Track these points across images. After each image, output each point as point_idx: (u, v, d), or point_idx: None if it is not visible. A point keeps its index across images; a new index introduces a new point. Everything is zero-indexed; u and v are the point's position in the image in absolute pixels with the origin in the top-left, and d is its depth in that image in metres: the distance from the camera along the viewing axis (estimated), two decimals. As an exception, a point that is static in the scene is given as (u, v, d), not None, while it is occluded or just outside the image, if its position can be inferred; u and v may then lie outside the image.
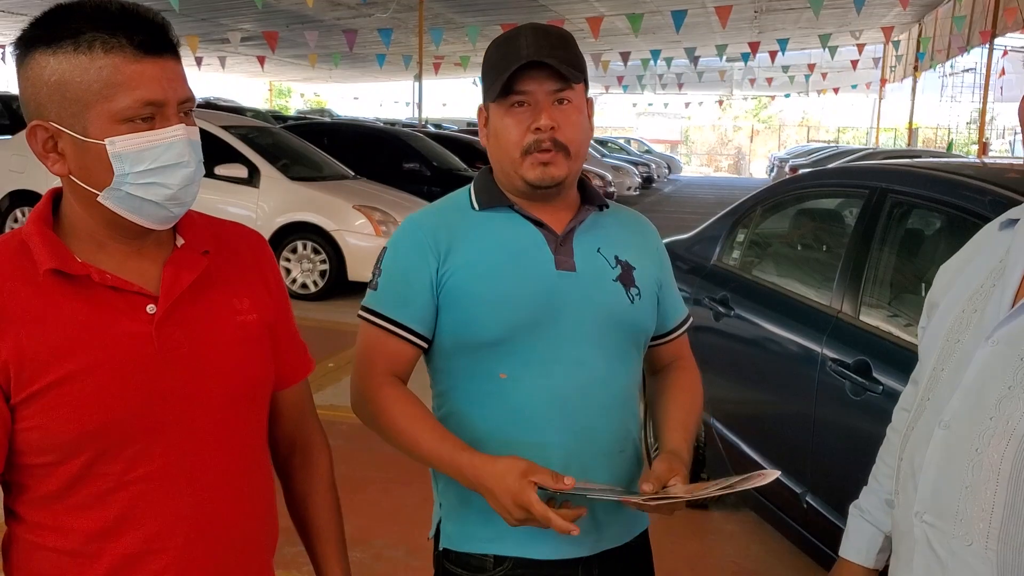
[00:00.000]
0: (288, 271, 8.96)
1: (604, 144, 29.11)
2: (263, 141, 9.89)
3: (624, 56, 25.76)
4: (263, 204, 9.07)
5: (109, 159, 1.21)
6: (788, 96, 45.62)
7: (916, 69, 29.68)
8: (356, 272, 8.74)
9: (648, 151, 35.59)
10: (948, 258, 1.55)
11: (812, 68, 33.37)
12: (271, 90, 50.17)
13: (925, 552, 1.31)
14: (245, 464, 1.39)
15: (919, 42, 28.23)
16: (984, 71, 21.19)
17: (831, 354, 3.14)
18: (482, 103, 1.70)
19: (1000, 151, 32.18)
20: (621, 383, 1.71)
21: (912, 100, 29.76)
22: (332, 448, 1.63)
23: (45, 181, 9.37)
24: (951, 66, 31.51)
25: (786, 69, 33.45)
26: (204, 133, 1.31)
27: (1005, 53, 25.96)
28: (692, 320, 1.95)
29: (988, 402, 1.26)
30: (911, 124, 30.52)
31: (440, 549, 1.74)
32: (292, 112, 35.13)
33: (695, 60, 27.00)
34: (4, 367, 1.19)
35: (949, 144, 31.95)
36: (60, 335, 1.21)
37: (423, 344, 1.68)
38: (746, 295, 3.95)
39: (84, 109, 1.20)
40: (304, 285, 8.96)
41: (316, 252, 8.97)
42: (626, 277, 1.71)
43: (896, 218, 3.31)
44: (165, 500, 1.28)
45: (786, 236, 4.48)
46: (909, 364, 1.60)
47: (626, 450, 1.73)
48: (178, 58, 1.26)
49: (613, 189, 19.89)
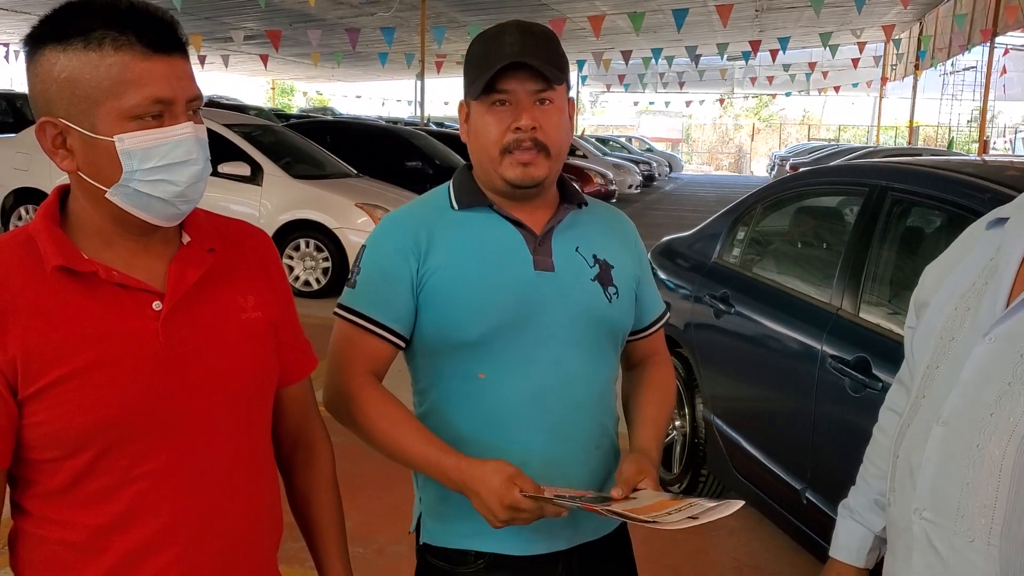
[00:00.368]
0: (291, 269, 8.97)
1: (606, 142, 29.07)
2: (266, 139, 9.89)
3: (625, 55, 25.74)
4: (266, 202, 9.08)
5: (118, 156, 1.21)
6: (789, 95, 45.57)
7: (917, 67, 29.66)
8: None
9: (649, 149, 35.55)
10: (948, 256, 1.56)
11: (813, 67, 33.35)
12: (273, 88, 50.12)
13: (925, 549, 1.32)
14: (250, 460, 1.39)
15: (920, 40, 28.21)
16: (985, 69, 21.17)
17: (831, 351, 3.15)
18: (463, 99, 1.70)
19: (1003, 149, 32.13)
20: (598, 381, 1.72)
21: (913, 98, 29.73)
22: (334, 445, 1.63)
23: (49, 179, 9.39)
24: (952, 64, 31.46)
25: (787, 68, 33.45)
26: (207, 131, 1.32)
27: (1006, 52, 25.94)
28: (669, 315, 1.95)
29: (987, 399, 1.26)
30: (912, 122, 30.48)
31: (421, 543, 1.76)
32: (295, 111, 35.07)
33: (696, 59, 26.98)
34: (11, 363, 1.19)
35: (950, 142, 31.85)
36: (67, 331, 1.22)
37: (401, 343, 1.68)
38: (746, 292, 3.95)
39: (94, 106, 1.20)
40: (307, 283, 8.97)
41: (319, 250, 8.98)
42: (604, 276, 1.71)
43: (896, 216, 3.31)
44: (171, 495, 1.29)
45: (786, 234, 4.49)
46: (908, 361, 1.60)
47: (602, 446, 1.74)
48: (187, 56, 1.26)
49: (615, 187, 19.89)
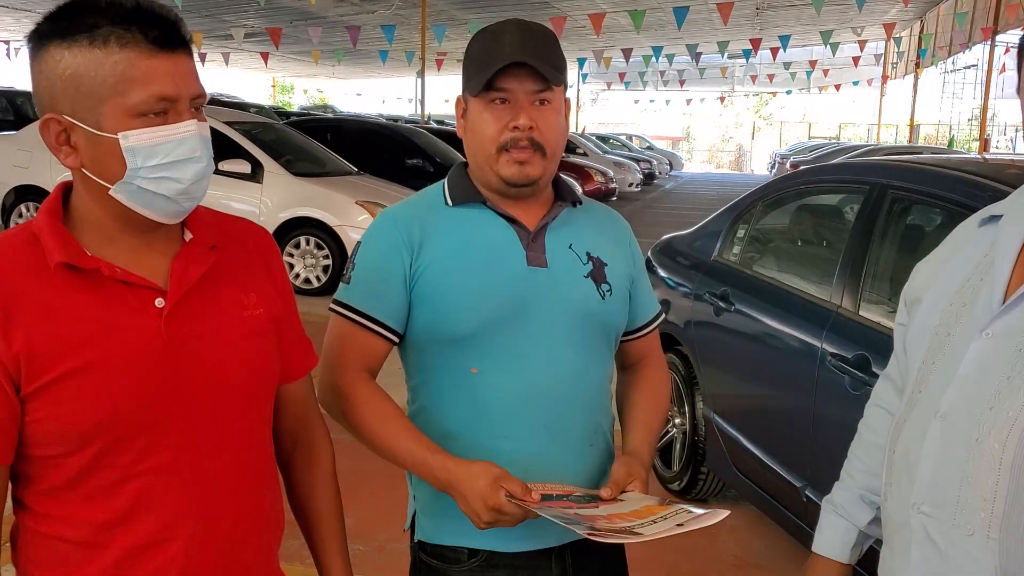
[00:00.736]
0: (291, 266, 8.98)
1: (606, 140, 29.08)
2: (266, 137, 9.91)
3: (626, 53, 25.75)
4: (266, 199, 9.09)
5: (122, 153, 1.22)
6: (790, 93, 45.57)
7: (918, 66, 29.64)
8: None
9: (650, 147, 35.56)
10: (948, 253, 1.57)
11: (814, 65, 33.34)
12: (274, 86, 50.10)
13: (923, 543, 1.32)
14: (252, 456, 1.40)
15: (921, 39, 28.20)
16: (986, 68, 21.16)
17: (831, 349, 3.15)
18: (461, 94, 1.71)
19: (1005, 147, 32.11)
20: (591, 378, 1.72)
21: (913, 97, 29.72)
22: (334, 442, 1.64)
23: (50, 176, 9.40)
24: (953, 63, 31.46)
25: (788, 66, 33.44)
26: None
27: (1007, 50, 25.90)
28: (668, 313, 1.95)
29: (986, 393, 1.27)
30: (912, 121, 30.47)
31: (415, 541, 1.76)
32: (295, 108, 35.06)
33: (697, 57, 26.97)
34: (15, 359, 1.20)
35: (950, 141, 31.87)
36: (70, 328, 1.22)
37: (394, 339, 1.68)
38: (747, 290, 3.96)
39: (98, 103, 1.20)
40: (307, 280, 8.99)
41: (319, 247, 9.00)
42: (597, 273, 1.72)
43: (896, 214, 3.32)
44: (173, 491, 1.29)
45: (786, 232, 4.49)
46: (908, 359, 1.61)
47: (596, 444, 1.74)
48: (191, 54, 1.27)
49: (615, 185, 19.89)
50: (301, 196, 9.09)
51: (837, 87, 39.56)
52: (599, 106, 56.89)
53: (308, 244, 9.03)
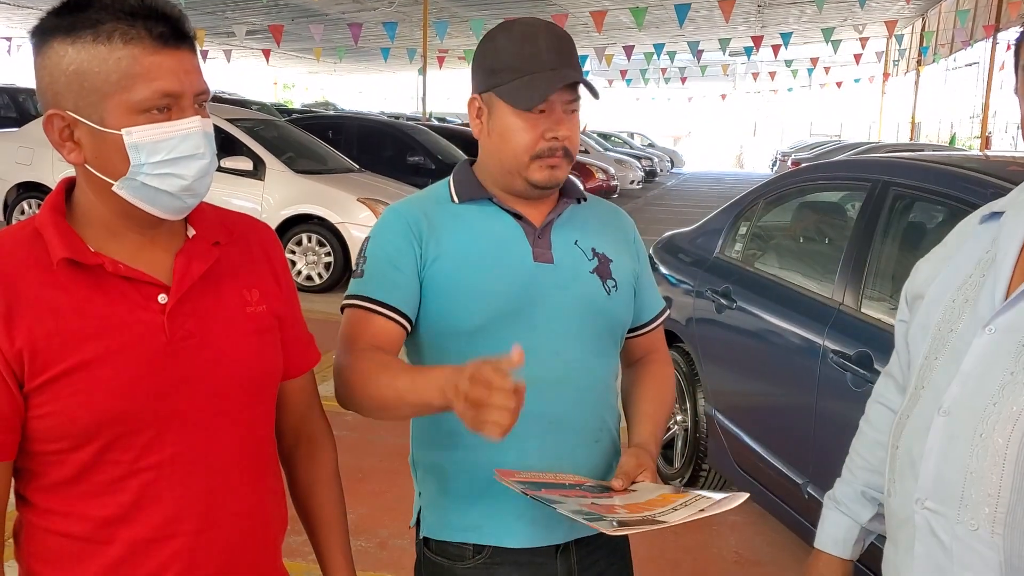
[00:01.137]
0: (293, 263, 8.98)
1: (607, 138, 29.07)
2: (268, 134, 9.90)
3: (627, 50, 25.73)
4: (268, 197, 9.09)
5: (126, 149, 1.22)
6: (791, 90, 45.51)
7: (919, 63, 29.62)
8: (356, 264, 8.76)
9: (651, 145, 35.58)
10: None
11: (815, 62, 33.30)
12: (275, 84, 50.10)
13: (927, 539, 1.32)
14: (255, 452, 1.40)
15: (922, 36, 28.18)
16: (987, 66, 21.14)
17: (833, 346, 3.15)
18: (477, 92, 1.68)
19: (1009, 144, 32.05)
20: (597, 374, 1.72)
21: (915, 94, 29.69)
22: (337, 438, 1.64)
23: (52, 173, 9.41)
24: (954, 60, 31.41)
25: (789, 63, 33.39)
26: (210, 126, 1.32)
27: (1009, 47, 25.87)
28: (670, 310, 1.95)
29: (990, 389, 1.27)
30: (914, 118, 30.43)
31: (421, 537, 1.76)
32: (294, 106, 35.05)
33: (698, 54, 26.95)
34: (18, 355, 1.19)
35: (951, 138, 31.81)
36: (73, 324, 1.22)
37: (407, 325, 1.65)
38: (748, 287, 3.96)
39: (102, 99, 1.20)
40: (309, 277, 8.99)
41: (321, 244, 9.00)
42: (603, 269, 1.72)
43: (898, 211, 3.32)
44: (176, 487, 1.29)
45: (788, 229, 4.49)
46: (910, 356, 1.61)
47: (601, 440, 1.74)
48: (194, 50, 1.27)
49: (616, 183, 19.88)
50: (303, 193, 9.09)
51: (838, 84, 39.53)
52: (600, 101, 56.72)
53: (310, 241, 9.03)
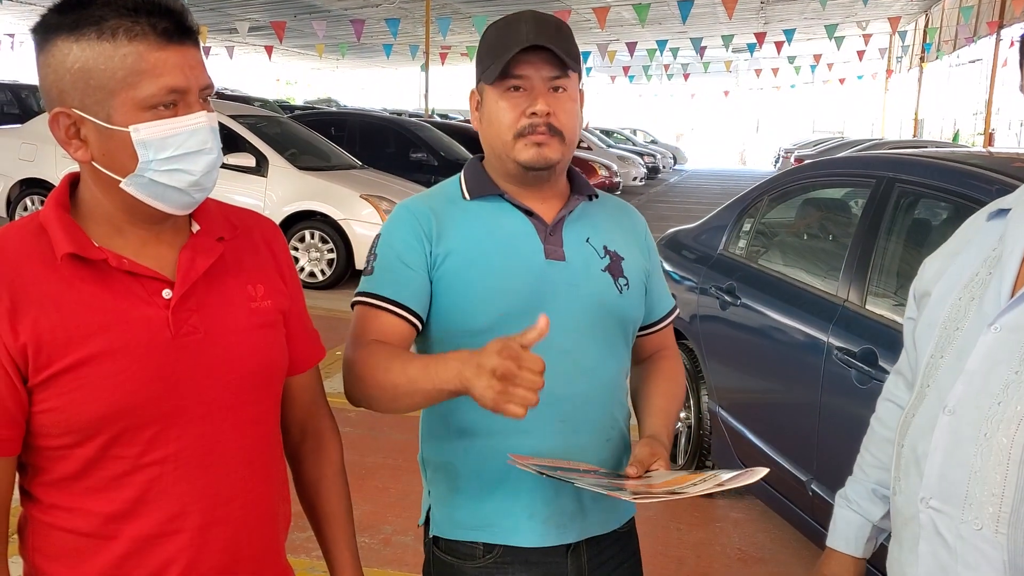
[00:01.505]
0: (296, 260, 8.98)
1: (610, 134, 29.04)
2: (271, 131, 9.90)
3: (630, 46, 25.73)
4: (271, 193, 9.09)
5: (133, 146, 1.22)
6: (794, 87, 45.47)
7: (923, 60, 29.58)
8: (364, 261, 8.75)
9: (653, 141, 35.54)
10: (955, 248, 1.56)
11: (818, 59, 33.27)
12: (277, 81, 50.11)
13: (932, 537, 1.32)
14: (259, 448, 1.40)
15: (926, 32, 28.14)
16: (991, 62, 21.10)
17: (837, 343, 3.15)
18: (476, 86, 1.69)
19: (1012, 141, 32.02)
20: (608, 372, 1.71)
21: (918, 91, 29.65)
22: (342, 435, 1.63)
23: (55, 169, 9.43)
24: (957, 57, 31.36)
25: (792, 60, 33.36)
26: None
27: (1012, 44, 25.81)
28: (678, 311, 1.95)
29: (994, 387, 1.27)
30: (917, 115, 30.39)
31: (430, 536, 1.75)
32: (295, 102, 35.06)
33: (701, 51, 26.95)
34: (22, 350, 1.19)
35: (955, 135, 31.79)
36: (77, 319, 1.22)
37: (417, 323, 1.65)
38: (752, 284, 3.95)
39: (108, 96, 1.20)
40: (312, 274, 8.99)
41: (324, 241, 9.00)
42: (614, 267, 1.71)
43: (903, 207, 3.31)
44: (181, 483, 1.29)
45: (792, 225, 4.48)
46: (915, 353, 1.60)
47: (612, 438, 1.73)
48: (198, 45, 1.27)
49: (619, 179, 19.86)
50: (306, 190, 9.09)
51: (841, 81, 39.49)
52: (603, 98, 56.82)
53: (313, 238, 9.03)
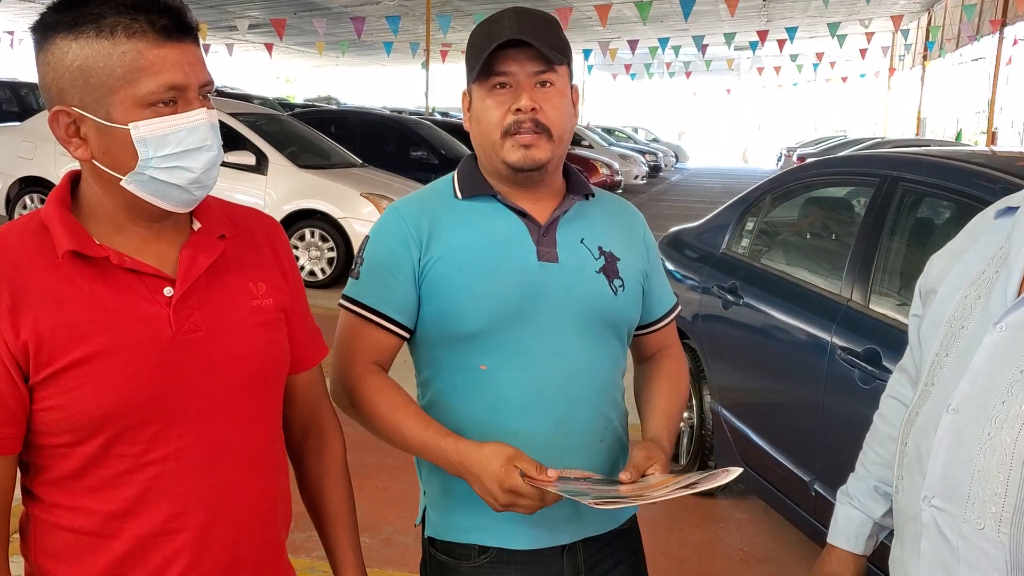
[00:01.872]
0: (296, 259, 8.95)
1: (611, 132, 29.06)
2: (271, 128, 9.88)
3: (632, 44, 25.75)
4: (271, 191, 9.08)
5: (133, 144, 1.21)
6: (796, 85, 45.48)
7: (925, 58, 29.57)
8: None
9: (655, 140, 35.56)
10: (959, 247, 1.55)
11: (820, 57, 33.27)
12: (277, 79, 50.14)
13: (934, 536, 1.32)
14: (261, 446, 1.40)
15: (928, 31, 28.14)
16: (994, 61, 21.08)
17: (840, 342, 3.14)
18: (465, 87, 1.68)
19: (1014, 140, 32.01)
20: (602, 373, 1.70)
21: (921, 90, 29.64)
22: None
23: (54, 167, 9.43)
24: (960, 55, 31.35)
25: (794, 58, 33.37)
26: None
27: (1015, 42, 25.81)
28: (680, 309, 1.94)
29: (999, 387, 1.26)
30: (919, 114, 30.37)
31: (426, 537, 1.75)
32: (295, 100, 35.07)
33: (703, 48, 26.94)
34: (23, 348, 1.19)
35: (958, 134, 31.78)
36: (78, 316, 1.22)
37: (405, 334, 1.66)
38: (755, 283, 3.94)
39: (108, 94, 1.20)
40: (312, 273, 8.98)
41: (324, 240, 8.99)
42: (609, 268, 1.69)
43: (907, 206, 3.30)
44: (182, 481, 1.29)
45: (796, 224, 4.47)
46: (919, 352, 1.60)
47: (606, 439, 1.72)
48: (197, 42, 1.26)
49: (620, 178, 19.86)
50: (306, 188, 9.08)
51: (844, 79, 39.49)
52: (605, 96, 56.83)
53: (313, 236, 9.02)
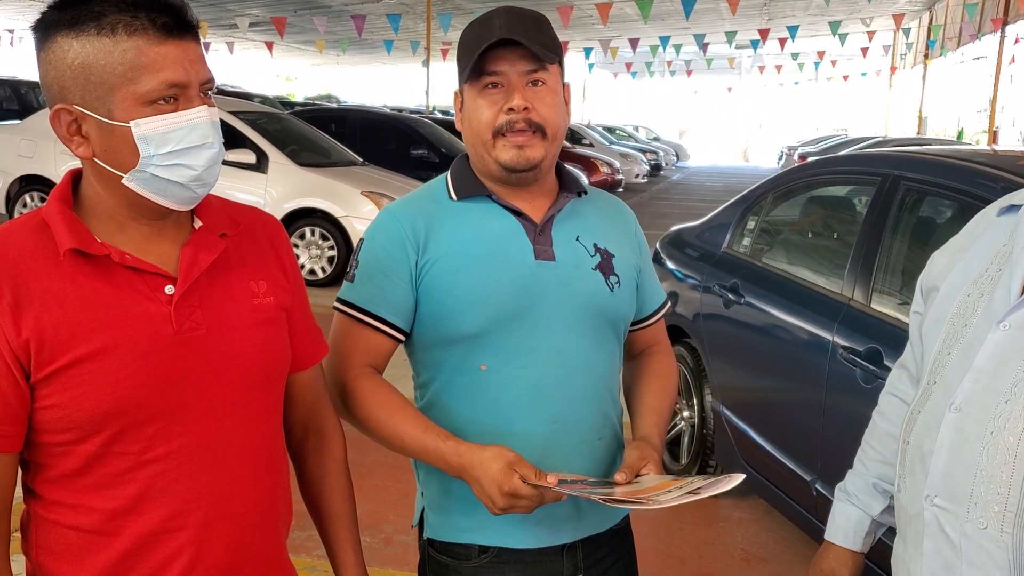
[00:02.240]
0: (296, 257, 8.95)
1: (612, 131, 29.06)
2: (271, 127, 9.88)
3: (633, 43, 25.73)
4: (271, 190, 9.07)
5: (135, 141, 1.22)
6: (797, 84, 45.47)
7: (927, 57, 29.55)
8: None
9: (656, 138, 35.56)
10: (959, 246, 1.55)
11: (822, 55, 33.26)
12: (278, 77, 50.14)
13: (936, 536, 1.32)
14: (262, 445, 1.40)
15: (930, 29, 28.12)
16: (995, 59, 21.07)
17: (842, 342, 3.14)
18: (457, 88, 1.67)
19: (1017, 139, 31.98)
20: (600, 370, 1.70)
21: (922, 88, 29.62)
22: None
23: (54, 165, 9.43)
24: (962, 54, 31.33)
25: (796, 56, 33.35)
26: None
27: (1017, 41, 25.79)
28: (676, 305, 1.94)
29: (1002, 386, 1.26)
30: (921, 112, 30.35)
31: (424, 538, 1.75)
32: (295, 98, 35.06)
33: (704, 47, 26.93)
34: (25, 346, 1.19)
35: (959, 133, 31.77)
36: (80, 315, 1.22)
37: (400, 336, 1.66)
38: (757, 282, 3.94)
39: (109, 92, 1.20)
40: (312, 271, 8.97)
41: (324, 238, 8.98)
42: (605, 265, 1.69)
43: (908, 205, 3.30)
44: (183, 479, 1.29)
45: (797, 223, 4.47)
46: (920, 352, 1.59)
47: (604, 436, 1.72)
48: (198, 39, 1.27)
49: (621, 176, 19.86)
50: (306, 187, 9.07)
51: (845, 78, 39.47)
52: (606, 95, 56.82)
53: (313, 235, 9.01)
